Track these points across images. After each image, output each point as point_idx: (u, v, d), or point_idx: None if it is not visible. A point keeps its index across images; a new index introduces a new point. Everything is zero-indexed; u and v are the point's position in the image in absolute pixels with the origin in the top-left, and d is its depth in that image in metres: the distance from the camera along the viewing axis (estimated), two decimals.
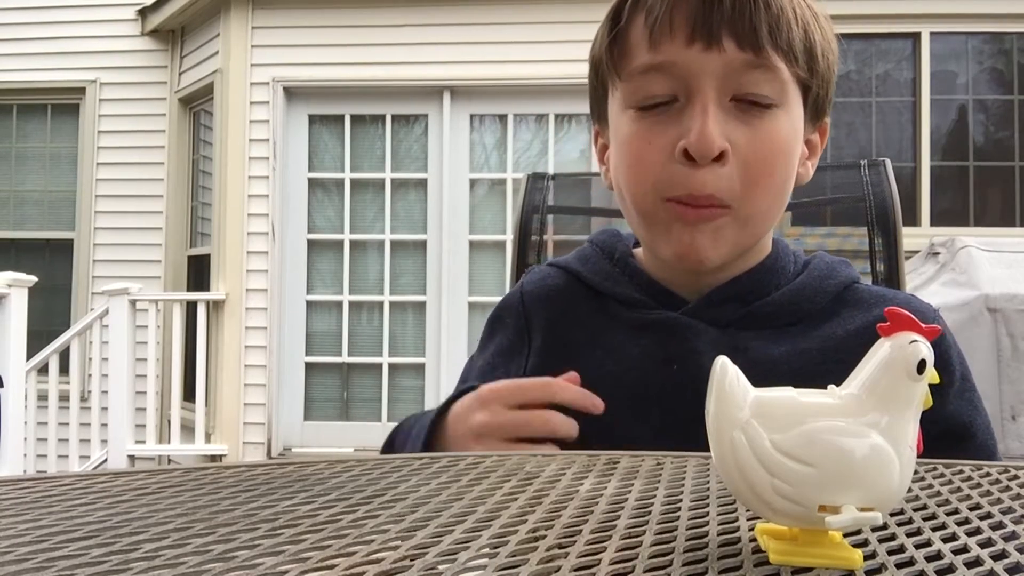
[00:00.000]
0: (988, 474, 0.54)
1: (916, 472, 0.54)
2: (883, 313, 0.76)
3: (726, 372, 0.36)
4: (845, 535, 0.36)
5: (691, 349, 0.72)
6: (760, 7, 0.67)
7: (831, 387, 0.36)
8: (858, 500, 0.34)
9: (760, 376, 0.36)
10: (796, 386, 0.36)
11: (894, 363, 0.35)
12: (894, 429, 0.34)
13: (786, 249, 0.80)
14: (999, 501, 0.46)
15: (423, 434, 0.72)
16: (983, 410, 0.75)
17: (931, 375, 0.35)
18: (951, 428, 0.72)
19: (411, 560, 0.34)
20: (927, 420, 0.77)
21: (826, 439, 0.34)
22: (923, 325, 0.35)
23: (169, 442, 4.71)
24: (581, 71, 0.80)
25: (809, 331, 0.73)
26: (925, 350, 0.35)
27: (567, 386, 0.68)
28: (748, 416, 0.35)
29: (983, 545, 0.37)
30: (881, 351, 0.35)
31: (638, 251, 0.82)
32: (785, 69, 0.68)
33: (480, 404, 0.69)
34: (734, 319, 0.74)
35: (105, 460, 4.54)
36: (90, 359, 4.90)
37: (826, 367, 0.70)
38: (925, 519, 0.42)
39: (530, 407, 0.68)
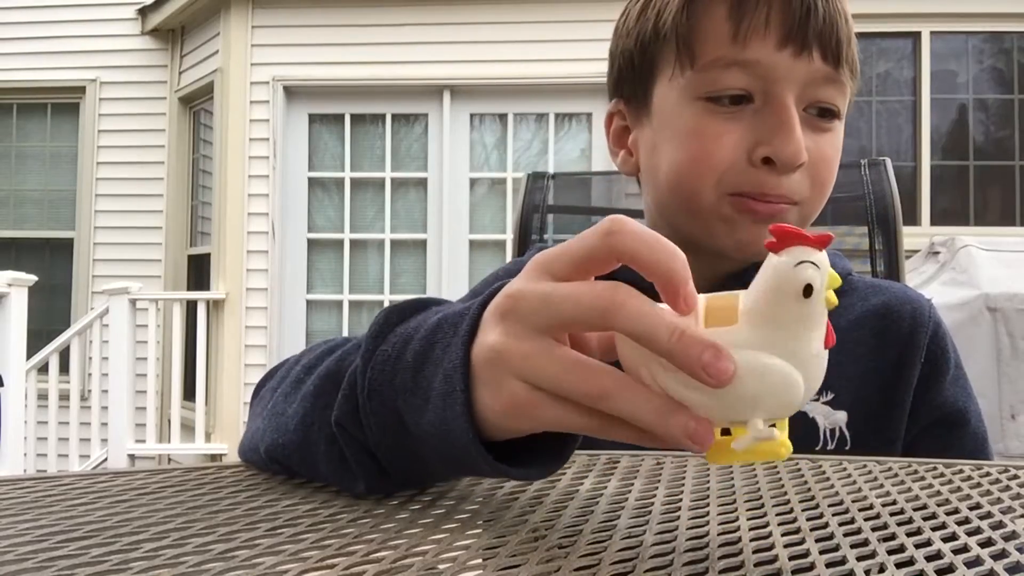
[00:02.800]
0: (988, 474, 0.54)
1: (916, 472, 0.54)
2: (877, 301, 0.76)
3: None
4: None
5: None
6: (843, 23, 0.67)
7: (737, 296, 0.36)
8: (765, 414, 0.35)
9: None
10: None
11: (780, 287, 0.34)
12: (790, 345, 0.34)
13: None
14: (999, 501, 0.46)
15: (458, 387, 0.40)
16: (974, 396, 0.77)
17: (831, 280, 0.34)
18: (947, 415, 0.74)
19: (411, 559, 0.34)
20: (925, 408, 0.77)
21: None
22: (810, 235, 0.34)
23: (169, 441, 4.71)
24: (581, 71, 0.79)
25: None
26: (812, 272, 0.33)
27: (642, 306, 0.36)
28: (650, 355, 0.36)
29: (983, 545, 0.37)
30: (767, 273, 0.35)
31: None
32: (848, 85, 0.69)
33: (497, 317, 0.40)
34: None
35: (105, 459, 4.54)
36: (90, 358, 4.90)
37: (832, 357, 0.71)
38: (925, 519, 0.42)
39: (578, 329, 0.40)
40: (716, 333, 0.35)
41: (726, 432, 0.36)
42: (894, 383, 0.74)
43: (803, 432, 0.70)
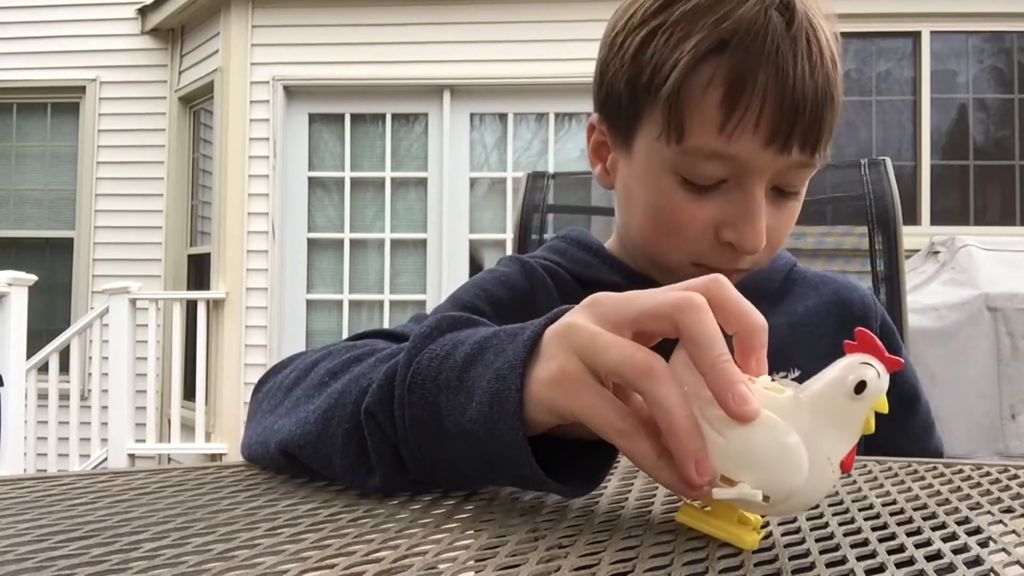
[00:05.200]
0: (988, 474, 0.54)
1: (916, 472, 0.54)
2: (828, 290, 0.82)
3: None
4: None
5: None
6: (829, 113, 0.67)
7: (791, 388, 0.38)
8: (757, 484, 0.35)
9: None
10: (773, 359, 0.40)
11: (838, 378, 0.36)
12: (818, 437, 0.36)
13: None
14: (999, 501, 0.46)
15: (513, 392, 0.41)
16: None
17: (878, 402, 0.36)
18: (904, 391, 0.83)
19: (411, 559, 0.34)
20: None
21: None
22: (886, 353, 0.36)
23: (169, 441, 4.71)
24: (581, 70, 0.79)
25: (771, 309, 0.80)
26: (872, 374, 0.35)
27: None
28: (694, 380, 0.38)
29: (983, 545, 0.37)
30: (837, 364, 0.37)
31: (610, 245, 0.84)
32: (817, 165, 0.70)
33: (558, 344, 0.42)
34: None
35: (105, 459, 4.54)
36: (90, 358, 4.90)
37: (795, 338, 0.79)
38: (925, 519, 0.42)
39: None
40: (764, 393, 0.37)
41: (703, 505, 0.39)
42: None
43: None
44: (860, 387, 0.35)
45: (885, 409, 0.36)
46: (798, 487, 0.35)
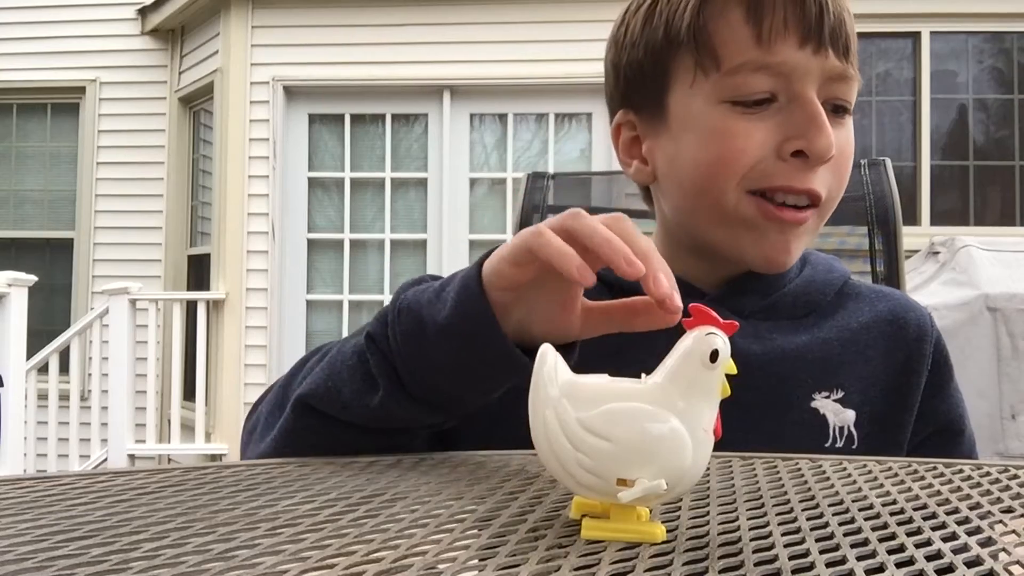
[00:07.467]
0: (988, 474, 0.54)
1: (916, 472, 0.54)
2: (883, 307, 0.77)
3: (546, 358, 0.40)
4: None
5: None
6: (849, 20, 0.69)
7: (643, 375, 0.40)
8: (652, 476, 0.37)
9: (787, 364, 0.40)
10: (819, 374, 0.39)
11: (691, 353, 0.38)
12: (690, 413, 0.38)
13: None
14: (999, 501, 0.46)
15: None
16: (964, 401, 0.81)
17: (727, 365, 0.38)
18: (951, 421, 0.77)
19: (411, 559, 0.34)
20: (931, 414, 0.79)
21: (625, 418, 0.38)
22: (721, 320, 0.39)
23: (169, 441, 4.71)
24: (581, 71, 0.79)
25: (822, 322, 0.76)
26: (720, 342, 0.38)
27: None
28: (559, 396, 0.39)
29: (983, 545, 0.37)
30: (683, 343, 0.39)
31: None
32: (856, 79, 0.71)
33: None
34: (755, 310, 0.74)
35: (105, 459, 4.54)
36: (90, 358, 4.90)
37: (845, 357, 0.74)
38: (925, 519, 0.42)
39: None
40: (629, 389, 0.38)
41: (596, 516, 0.39)
42: (902, 387, 0.75)
43: (815, 428, 0.71)
44: (714, 356, 0.38)
45: (734, 371, 0.38)
46: (688, 466, 0.38)
